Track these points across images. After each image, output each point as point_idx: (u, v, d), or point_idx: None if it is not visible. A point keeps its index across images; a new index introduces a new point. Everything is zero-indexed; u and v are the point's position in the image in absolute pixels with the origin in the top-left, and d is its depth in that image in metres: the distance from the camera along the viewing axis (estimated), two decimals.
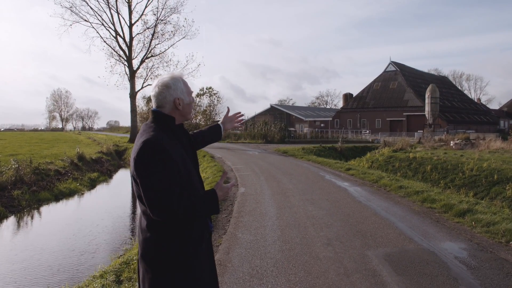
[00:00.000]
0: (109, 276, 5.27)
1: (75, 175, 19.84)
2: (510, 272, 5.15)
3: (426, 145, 31.65)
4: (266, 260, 5.75)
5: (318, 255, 5.92)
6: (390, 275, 5.07)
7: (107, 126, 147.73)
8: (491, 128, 68.77)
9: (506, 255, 5.86)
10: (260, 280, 5.01)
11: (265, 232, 7.27)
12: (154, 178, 2.16)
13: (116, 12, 41.43)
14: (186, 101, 2.46)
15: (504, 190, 14.74)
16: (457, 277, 4.99)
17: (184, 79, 2.51)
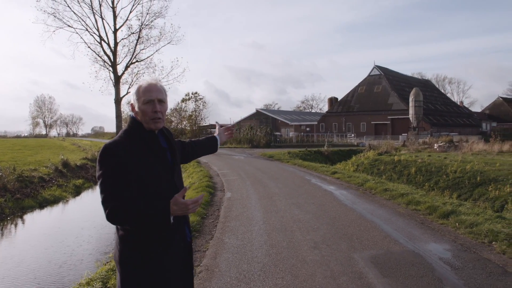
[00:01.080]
0: (95, 283, 5.24)
1: (59, 182, 19.63)
2: (493, 271, 5.25)
3: (410, 148, 31.96)
4: (253, 264, 5.77)
5: (305, 258, 5.95)
6: (376, 277, 5.12)
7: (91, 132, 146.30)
8: (473, 131, 69.67)
9: (488, 255, 5.96)
10: (247, 284, 5.03)
11: (252, 237, 7.29)
12: (101, 181, 2.25)
13: (100, 17, 41.13)
14: (136, 108, 2.46)
15: (487, 191, 14.95)
16: (441, 277, 5.06)
17: (144, 86, 2.47)
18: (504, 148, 27.39)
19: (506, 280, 4.95)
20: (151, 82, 2.48)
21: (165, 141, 2.57)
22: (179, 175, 2.60)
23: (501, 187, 14.64)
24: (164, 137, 2.58)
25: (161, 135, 2.56)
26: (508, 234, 6.66)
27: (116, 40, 42.11)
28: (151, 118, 2.41)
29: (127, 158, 2.27)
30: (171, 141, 2.62)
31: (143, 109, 2.41)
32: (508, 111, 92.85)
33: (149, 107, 2.41)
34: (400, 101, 62.80)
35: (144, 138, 2.41)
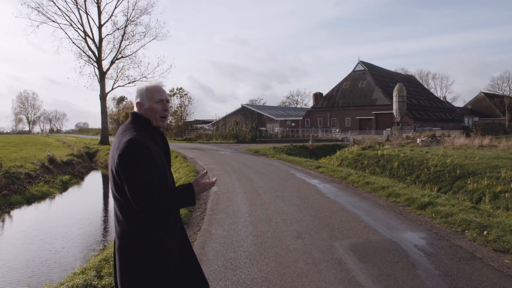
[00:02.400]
0: (90, 272, 5.49)
1: (46, 178, 19.70)
2: (463, 256, 5.63)
3: (394, 143, 32.52)
4: (239, 253, 6.07)
5: (288, 247, 6.28)
6: (355, 262, 5.46)
7: (76, 128, 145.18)
8: (456, 125, 70.83)
9: (460, 242, 6.35)
10: (234, 271, 5.33)
11: (238, 228, 7.59)
12: (139, 172, 2.43)
13: (85, 12, 40.97)
14: (145, 106, 2.70)
15: (466, 184, 15.44)
16: (415, 262, 5.43)
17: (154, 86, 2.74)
18: (484, 142, 28.07)
19: (473, 264, 5.33)
20: (160, 84, 2.77)
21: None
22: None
23: (479, 180, 15.13)
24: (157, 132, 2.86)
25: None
26: (479, 223, 7.06)
27: (101, 35, 42.01)
28: (161, 116, 2.70)
29: (153, 150, 2.54)
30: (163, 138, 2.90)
31: (155, 107, 2.68)
32: (490, 106, 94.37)
33: (159, 106, 2.70)
34: (384, 96, 63.52)
35: (153, 133, 2.70)
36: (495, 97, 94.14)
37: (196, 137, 51.31)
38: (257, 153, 27.37)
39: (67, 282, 5.27)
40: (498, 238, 6.29)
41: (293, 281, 4.90)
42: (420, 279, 4.85)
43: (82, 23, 40.95)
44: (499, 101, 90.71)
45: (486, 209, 9.22)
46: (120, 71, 43.45)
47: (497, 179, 14.62)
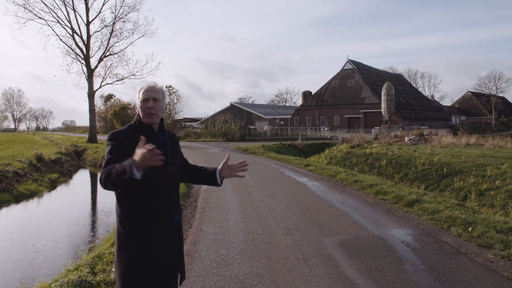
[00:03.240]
0: (84, 268, 5.55)
1: (35, 176, 19.58)
2: (448, 252, 5.80)
3: (382, 141, 32.85)
4: (231, 249, 6.18)
5: (278, 243, 6.40)
6: (343, 258, 5.61)
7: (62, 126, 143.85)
8: (443, 124, 71.61)
9: (446, 238, 6.54)
10: (226, 266, 5.44)
11: (229, 225, 7.69)
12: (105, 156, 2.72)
13: (72, 9, 40.58)
14: (137, 105, 2.89)
15: (453, 182, 15.69)
16: (402, 257, 5.58)
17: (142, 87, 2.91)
18: (471, 141, 28.51)
19: (458, 259, 5.50)
20: (150, 84, 2.92)
21: (164, 137, 2.96)
22: (173, 168, 2.95)
23: (466, 178, 15.39)
24: (164, 135, 2.96)
25: (162, 132, 2.96)
26: (464, 220, 7.25)
27: (89, 33, 41.67)
28: (145, 113, 2.82)
29: (125, 144, 2.69)
30: (172, 139, 3.04)
31: (140, 105, 2.85)
32: (477, 105, 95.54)
33: (144, 104, 2.83)
34: (372, 95, 64.02)
35: (142, 130, 2.81)
36: (482, 96, 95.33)
37: (185, 135, 51.20)
38: (246, 151, 27.48)
39: (61, 279, 5.33)
40: (482, 234, 6.47)
41: (284, 276, 5.03)
42: (407, 273, 5.00)
43: (69, 20, 40.60)
44: (486, 100, 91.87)
45: (471, 206, 9.44)
46: (109, 68, 43.18)
47: (483, 177, 14.88)
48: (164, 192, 2.81)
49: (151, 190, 2.74)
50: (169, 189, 2.85)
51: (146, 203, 2.74)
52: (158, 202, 2.77)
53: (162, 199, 2.79)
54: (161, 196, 2.78)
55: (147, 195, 2.73)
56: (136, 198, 2.74)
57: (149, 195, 2.74)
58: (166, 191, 2.82)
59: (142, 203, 2.73)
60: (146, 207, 2.73)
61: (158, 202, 2.77)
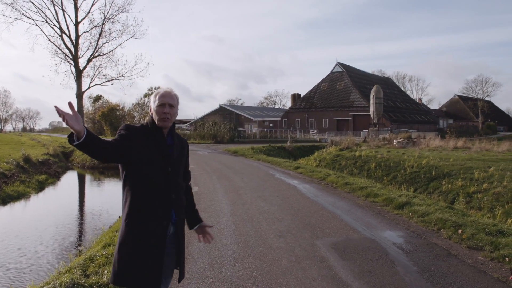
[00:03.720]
0: (76, 271, 5.52)
1: (22, 178, 19.41)
2: (439, 254, 5.87)
3: (371, 144, 33.06)
4: (223, 251, 6.19)
5: (271, 245, 6.42)
6: (336, 260, 5.65)
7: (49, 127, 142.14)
8: (431, 127, 72.22)
9: (436, 240, 6.61)
10: (219, 268, 5.45)
11: (221, 227, 7.70)
12: None
13: (61, 9, 40.37)
14: (152, 108, 3.06)
15: (441, 185, 15.84)
16: (394, 259, 5.64)
17: (159, 92, 3.09)
18: (458, 144, 28.81)
19: (449, 261, 5.57)
20: (167, 90, 3.10)
21: (172, 141, 3.11)
22: (176, 169, 3.09)
23: (454, 181, 15.55)
24: (172, 138, 3.12)
25: (171, 136, 3.11)
26: (454, 222, 7.34)
27: (78, 33, 41.48)
28: (161, 117, 2.99)
29: (134, 136, 2.91)
30: (182, 144, 3.22)
31: (157, 110, 3.02)
32: (464, 108, 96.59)
33: (161, 109, 3.00)
34: (361, 98, 64.37)
35: (153, 131, 3.01)
36: (469, 100, 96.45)
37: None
38: (235, 153, 27.48)
39: (53, 281, 5.29)
40: (472, 236, 6.56)
41: (277, 278, 5.05)
42: (399, 275, 5.06)
43: (58, 20, 40.30)
44: (473, 104, 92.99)
45: (460, 209, 9.55)
46: (97, 69, 42.99)
47: (471, 180, 15.05)
48: (162, 189, 2.96)
49: (148, 186, 2.92)
50: (168, 187, 2.99)
51: (142, 197, 2.91)
52: (155, 198, 2.93)
53: (159, 196, 2.95)
54: (158, 193, 2.94)
55: (144, 189, 2.91)
56: (136, 192, 2.92)
57: (147, 190, 2.92)
58: (164, 188, 2.97)
59: (140, 198, 2.91)
60: (142, 200, 2.91)
61: (155, 198, 2.93)
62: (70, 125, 2.49)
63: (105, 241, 7.20)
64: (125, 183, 2.97)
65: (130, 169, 2.93)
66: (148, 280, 2.88)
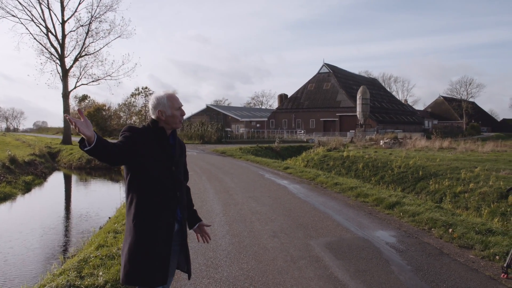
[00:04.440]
0: (70, 272, 5.50)
1: (8, 179, 19.17)
2: (432, 252, 5.97)
3: (358, 144, 33.31)
4: (218, 252, 6.22)
5: (266, 245, 6.47)
6: (331, 259, 5.71)
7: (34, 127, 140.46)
8: (417, 128, 72.98)
9: (428, 239, 6.72)
10: (215, 269, 5.47)
11: (214, 228, 7.72)
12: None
13: (47, 7, 39.83)
14: (168, 113, 3.07)
15: (428, 185, 16.05)
16: (388, 259, 5.72)
17: (172, 96, 3.14)
18: (444, 144, 29.18)
19: (442, 259, 5.68)
20: (175, 94, 3.19)
21: (174, 141, 3.17)
22: (179, 168, 3.16)
23: (441, 181, 15.76)
24: (174, 138, 3.18)
25: (173, 136, 3.17)
26: (445, 221, 7.46)
27: (64, 32, 41.00)
28: (180, 120, 3.11)
29: (137, 138, 2.94)
30: (181, 145, 3.27)
31: (176, 114, 3.08)
32: (448, 109, 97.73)
33: (179, 112, 3.10)
34: (348, 99, 64.77)
35: (156, 133, 3.05)
36: (454, 101, 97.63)
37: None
38: (224, 153, 27.49)
39: (48, 284, 5.27)
40: (463, 235, 6.68)
41: (274, 278, 5.09)
42: (394, 274, 5.14)
43: (44, 18, 39.79)
44: (457, 105, 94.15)
45: (449, 208, 9.70)
46: (84, 69, 42.56)
47: (457, 180, 15.26)
48: (168, 188, 3.02)
49: (155, 185, 2.96)
50: (173, 186, 3.06)
51: (149, 196, 2.95)
52: (161, 196, 2.98)
53: (165, 194, 3.00)
54: (164, 191, 3.00)
55: (151, 189, 2.96)
56: (142, 193, 2.96)
57: (154, 189, 2.96)
58: (169, 187, 3.03)
59: (146, 196, 2.95)
60: (149, 200, 2.95)
61: (161, 196, 2.98)
62: (81, 132, 2.57)
63: (98, 243, 7.17)
64: (131, 184, 3.00)
65: (136, 170, 2.96)
66: (156, 277, 2.93)
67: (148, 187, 2.95)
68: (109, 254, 6.15)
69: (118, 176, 24.83)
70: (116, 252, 6.23)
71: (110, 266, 5.60)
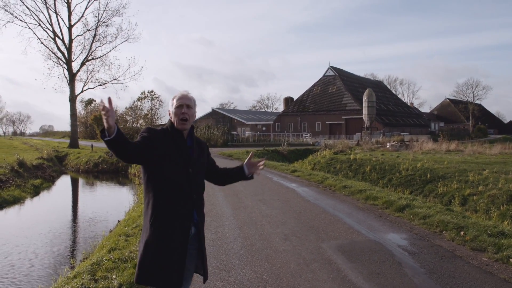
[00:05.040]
0: (84, 275, 5.54)
1: (17, 182, 19.29)
2: (444, 255, 5.97)
3: (364, 147, 33.23)
4: (231, 255, 6.24)
5: (278, 248, 6.48)
6: (344, 262, 5.72)
7: (40, 131, 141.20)
8: (423, 131, 72.74)
9: (440, 242, 6.71)
10: (228, 272, 5.49)
11: (225, 231, 7.75)
12: None
13: (54, 12, 40.11)
14: (171, 111, 3.16)
15: (436, 188, 15.99)
16: (400, 261, 5.72)
17: (176, 95, 3.19)
18: (451, 147, 29.07)
19: (455, 262, 5.67)
20: (183, 92, 3.21)
21: (191, 142, 3.19)
22: (197, 170, 3.18)
23: (449, 184, 15.70)
24: (192, 140, 3.20)
25: (190, 138, 3.19)
26: (456, 224, 7.44)
27: (71, 36, 41.25)
28: (180, 118, 3.09)
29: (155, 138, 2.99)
30: (201, 146, 3.31)
31: (175, 111, 3.11)
32: (455, 112, 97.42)
33: (179, 110, 3.10)
34: (354, 101, 64.73)
35: (173, 134, 3.10)
36: (460, 103, 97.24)
37: None
38: (230, 157, 27.55)
39: (62, 286, 5.32)
40: (475, 238, 6.67)
41: (288, 281, 5.11)
42: (408, 277, 5.14)
43: (51, 23, 40.07)
44: (464, 107, 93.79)
45: (460, 211, 9.67)
46: (90, 73, 42.80)
47: (466, 183, 15.21)
48: (184, 190, 3.03)
49: (171, 187, 2.99)
50: (190, 188, 3.07)
51: (165, 198, 2.98)
52: (178, 198, 3.00)
53: (182, 196, 3.02)
54: (180, 193, 3.02)
55: (167, 190, 2.99)
56: (158, 194, 2.99)
57: (170, 191, 2.99)
58: (186, 189, 3.05)
59: (162, 199, 2.98)
60: (165, 201, 2.98)
61: (178, 198, 3.00)
62: (107, 119, 2.65)
63: (109, 246, 7.21)
64: (147, 185, 3.04)
65: (153, 171, 3.00)
66: (171, 279, 2.94)
67: (164, 188, 2.98)
68: (122, 257, 6.18)
69: (125, 179, 24.94)
70: (128, 255, 6.26)
71: (124, 269, 5.63)
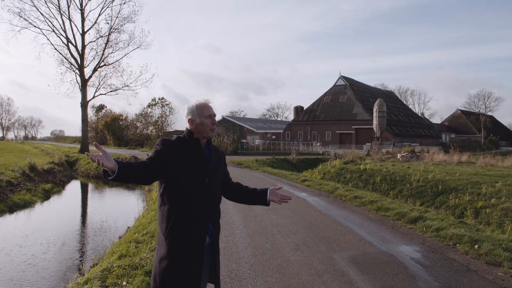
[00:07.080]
0: (94, 281, 5.52)
1: (28, 186, 19.41)
2: (459, 269, 5.87)
3: (374, 157, 33.03)
4: (241, 264, 6.19)
5: (289, 258, 6.43)
6: (356, 274, 5.65)
7: (51, 136, 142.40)
8: (434, 142, 72.28)
9: (454, 255, 6.61)
10: (239, 282, 5.45)
11: (236, 240, 7.70)
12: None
13: (68, 19, 40.59)
14: (196, 121, 3.06)
15: (448, 200, 15.83)
16: (414, 274, 5.64)
17: (202, 104, 3.12)
18: (462, 158, 28.78)
19: (470, 276, 5.57)
20: (207, 102, 3.16)
21: (209, 152, 3.14)
22: (214, 181, 3.11)
23: (461, 195, 15.54)
24: (209, 149, 3.15)
25: (208, 147, 3.14)
26: (470, 237, 7.33)
27: (84, 42, 41.68)
28: (211, 128, 3.07)
29: (168, 152, 2.96)
30: (218, 155, 3.25)
31: (205, 122, 3.05)
32: (466, 123, 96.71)
33: (209, 120, 3.06)
34: (364, 111, 64.49)
35: (190, 143, 3.05)
36: (471, 114, 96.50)
37: None
38: (240, 165, 27.52)
39: None
40: (490, 252, 6.56)
41: None
42: None
43: (65, 29, 40.52)
44: (475, 119, 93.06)
45: (473, 224, 9.54)
46: (103, 79, 43.16)
47: (478, 195, 15.03)
48: (200, 201, 2.97)
49: (186, 198, 2.93)
50: (206, 199, 3.01)
51: (180, 209, 2.93)
52: (193, 209, 2.94)
53: (198, 207, 2.96)
54: (196, 204, 2.96)
55: (182, 202, 2.93)
56: (174, 205, 2.94)
57: (185, 202, 2.93)
58: (202, 200, 2.98)
59: (176, 209, 2.93)
60: (180, 213, 2.93)
61: (193, 209, 2.94)
62: (103, 166, 2.67)
63: (120, 252, 7.19)
64: (163, 196, 3.00)
65: (169, 182, 2.96)
66: None
67: (179, 200, 2.94)
68: (132, 264, 6.16)
69: (135, 186, 24.98)
70: (139, 262, 6.24)
71: (134, 276, 5.61)
